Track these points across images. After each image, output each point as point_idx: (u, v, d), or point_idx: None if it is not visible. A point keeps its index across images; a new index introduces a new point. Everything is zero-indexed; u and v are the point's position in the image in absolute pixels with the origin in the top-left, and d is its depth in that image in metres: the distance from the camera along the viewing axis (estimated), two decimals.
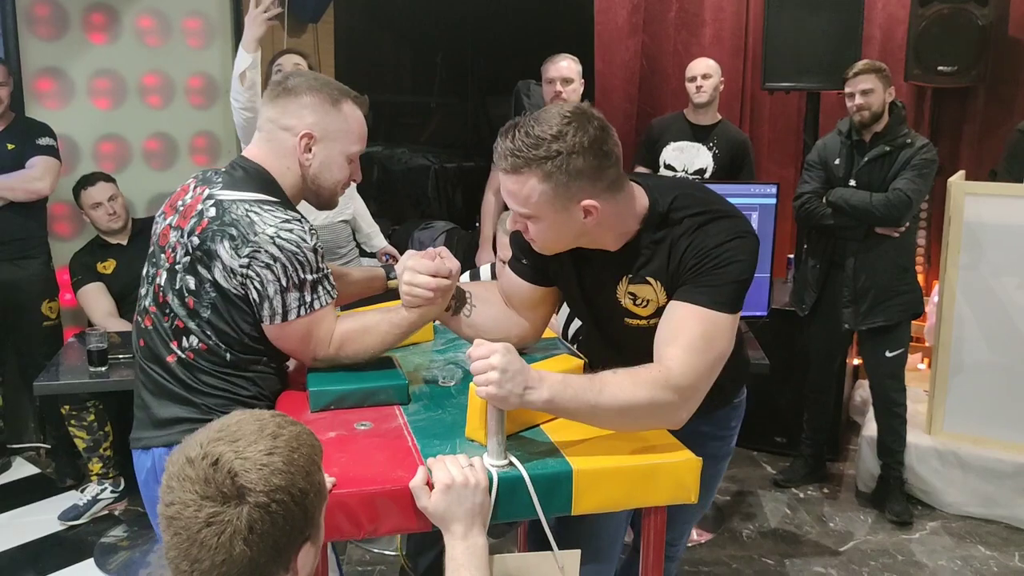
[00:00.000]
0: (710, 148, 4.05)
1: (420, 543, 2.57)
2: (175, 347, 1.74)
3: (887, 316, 3.44)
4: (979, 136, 4.41)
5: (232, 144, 4.24)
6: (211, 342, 1.71)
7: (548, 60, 3.92)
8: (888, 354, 3.48)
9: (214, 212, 1.69)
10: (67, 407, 3.40)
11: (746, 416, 2.10)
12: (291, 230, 1.66)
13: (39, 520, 3.47)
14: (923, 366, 4.38)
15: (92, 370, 2.97)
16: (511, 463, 1.47)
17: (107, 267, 3.70)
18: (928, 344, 4.13)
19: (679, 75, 4.42)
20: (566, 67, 3.87)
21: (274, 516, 1.06)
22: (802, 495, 3.77)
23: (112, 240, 3.74)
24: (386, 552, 3.21)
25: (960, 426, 3.60)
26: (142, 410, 1.82)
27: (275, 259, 1.64)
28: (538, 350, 1.98)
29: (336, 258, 3.41)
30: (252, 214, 1.66)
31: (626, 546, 2.28)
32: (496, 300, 1.93)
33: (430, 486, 1.40)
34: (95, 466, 3.50)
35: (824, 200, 3.47)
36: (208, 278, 1.68)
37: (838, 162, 3.47)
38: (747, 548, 3.34)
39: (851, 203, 3.37)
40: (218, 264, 1.66)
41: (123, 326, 3.52)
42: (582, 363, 1.77)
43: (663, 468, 1.52)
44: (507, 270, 1.92)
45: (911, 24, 4.16)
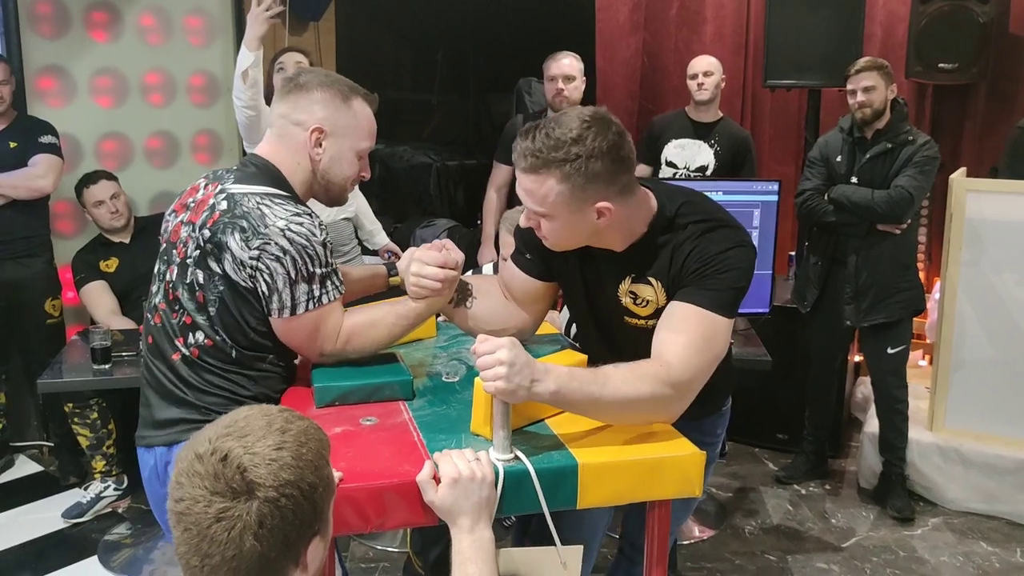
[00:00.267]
0: (712, 145, 4.04)
1: (427, 538, 2.58)
2: (180, 344, 1.75)
3: (888, 313, 3.45)
4: (980, 133, 4.41)
5: (234, 142, 4.24)
6: (218, 338, 1.72)
7: (550, 58, 3.93)
8: (890, 351, 3.49)
9: (225, 205, 1.70)
10: (70, 405, 3.41)
11: (748, 413, 2.14)
12: (301, 223, 1.67)
13: (42, 518, 3.47)
14: (924, 363, 4.38)
15: (95, 368, 2.98)
16: (517, 457, 1.48)
17: (110, 265, 3.70)
18: (929, 341, 4.14)
19: (680, 72, 4.42)
20: (568, 64, 3.88)
21: (284, 511, 1.07)
22: (804, 491, 3.77)
23: (114, 238, 3.73)
24: (389, 549, 3.21)
25: (962, 422, 3.61)
26: (146, 408, 1.83)
27: (285, 252, 1.65)
28: (542, 344, 1.99)
29: (338, 256, 3.40)
30: (263, 207, 1.68)
31: (620, 553, 2.32)
32: (496, 293, 1.96)
33: (437, 480, 1.41)
34: (98, 464, 3.51)
35: (826, 197, 3.47)
36: (217, 271, 1.69)
37: (840, 159, 3.47)
38: (749, 544, 3.35)
39: (853, 200, 3.38)
40: (228, 256, 1.67)
41: (126, 324, 3.50)
42: (586, 358, 1.78)
43: (668, 462, 1.53)
44: (509, 263, 1.95)
45: (912, 21, 4.15)
